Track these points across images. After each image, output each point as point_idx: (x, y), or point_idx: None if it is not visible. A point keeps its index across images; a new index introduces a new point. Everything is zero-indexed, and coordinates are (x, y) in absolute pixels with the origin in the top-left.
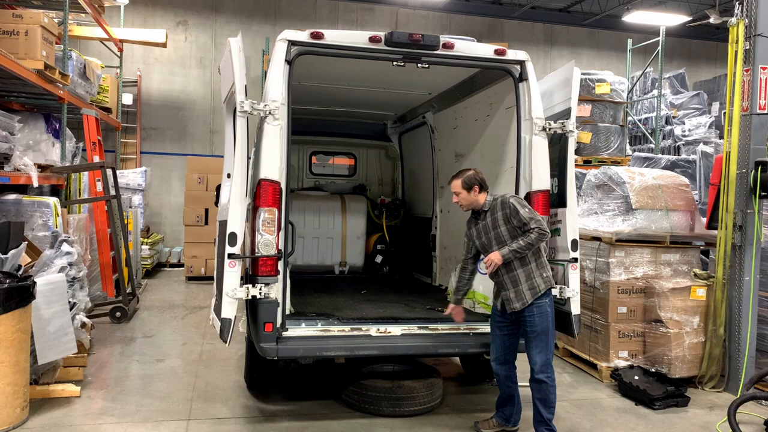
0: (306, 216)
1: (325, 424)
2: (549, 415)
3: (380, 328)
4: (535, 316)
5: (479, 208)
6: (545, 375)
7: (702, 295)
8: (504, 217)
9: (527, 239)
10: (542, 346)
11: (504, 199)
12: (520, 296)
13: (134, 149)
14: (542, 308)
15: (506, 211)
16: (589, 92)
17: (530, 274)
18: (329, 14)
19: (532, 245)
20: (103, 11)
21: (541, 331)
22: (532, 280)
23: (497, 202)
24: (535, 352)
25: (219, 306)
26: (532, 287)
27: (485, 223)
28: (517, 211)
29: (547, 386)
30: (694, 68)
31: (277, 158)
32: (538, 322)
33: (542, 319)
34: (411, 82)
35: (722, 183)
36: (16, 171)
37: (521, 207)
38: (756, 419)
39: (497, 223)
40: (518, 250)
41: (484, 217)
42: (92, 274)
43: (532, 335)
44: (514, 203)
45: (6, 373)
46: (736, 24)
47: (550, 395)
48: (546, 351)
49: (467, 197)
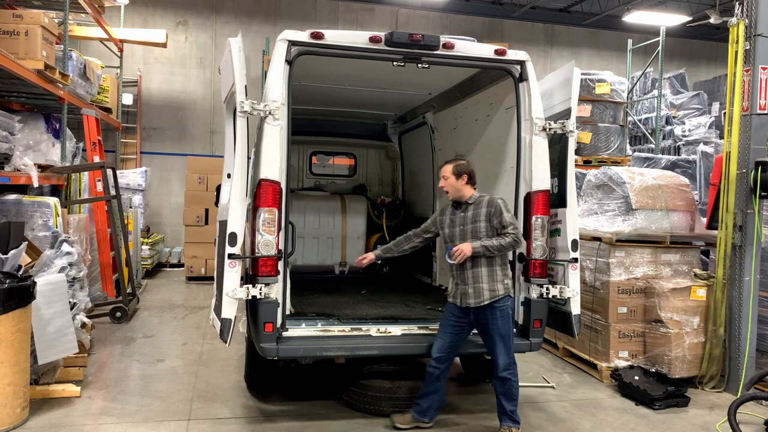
0: (306, 216)
1: (325, 424)
2: (512, 407)
3: (380, 328)
4: (498, 319)
5: (463, 200)
6: (509, 372)
7: (702, 296)
8: (487, 214)
9: (501, 241)
10: (505, 347)
11: (492, 198)
12: (479, 294)
13: (134, 149)
14: (504, 311)
15: (491, 209)
16: (589, 92)
17: (493, 276)
18: (329, 14)
19: (503, 248)
20: (103, 11)
21: (504, 333)
22: (493, 283)
23: (484, 199)
24: (500, 352)
25: (219, 306)
26: (492, 289)
27: (464, 215)
28: (501, 212)
29: (511, 382)
30: (694, 68)
31: (277, 158)
32: (501, 325)
33: (505, 321)
34: (411, 82)
35: (722, 183)
36: (16, 171)
37: (506, 211)
38: (756, 419)
39: (479, 217)
40: (489, 248)
41: (465, 209)
42: (92, 275)
43: (496, 337)
44: (500, 205)
45: (6, 373)
46: (736, 24)
47: (513, 389)
48: (509, 351)
49: (454, 184)
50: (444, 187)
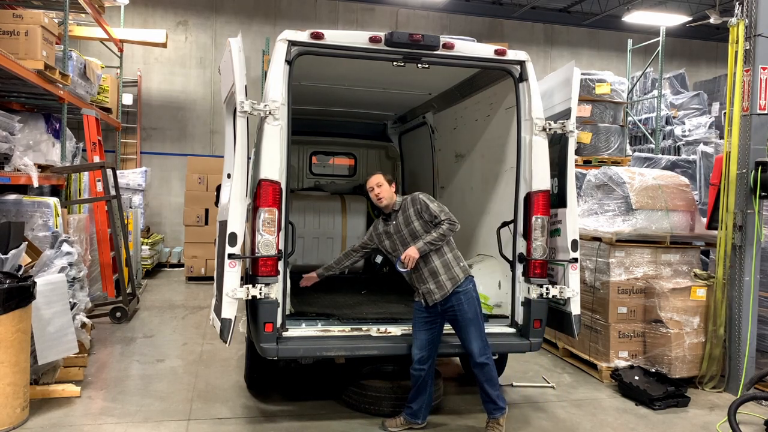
0: (306, 216)
1: (325, 424)
2: (496, 391)
3: (380, 328)
4: (463, 304)
5: (391, 208)
6: (485, 357)
7: (702, 296)
8: (416, 212)
9: (440, 230)
10: (476, 331)
11: (413, 196)
12: (441, 286)
13: (134, 149)
14: (468, 294)
15: (417, 206)
16: (589, 92)
17: (448, 264)
18: (329, 14)
19: (444, 236)
20: (103, 11)
21: (472, 317)
22: (450, 270)
23: (407, 201)
24: (471, 338)
25: (219, 306)
26: (451, 277)
27: (396, 223)
28: (427, 205)
29: (489, 367)
30: (694, 68)
31: (277, 158)
32: (467, 309)
33: (470, 304)
34: (411, 83)
35: (722, 183)
36: (16, 171)
37: (431, 202)
38: (756, 419)
39: (410, 219)
40: (432, 242)
41: (395, 217)
42: (92, 275)
43: (464, 323)
44: (423, 198)
45: (6, 374)
46: (736, 24)
47: (493, 374)
48: (481, 335)
49: (389, 190)
50: (379, 195)
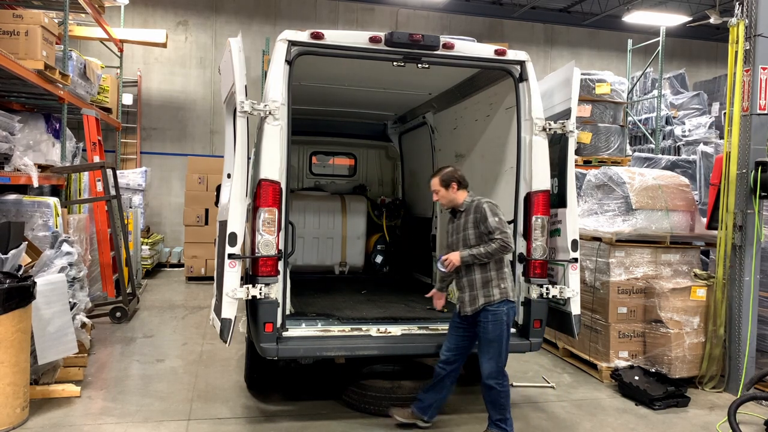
0: (306, 216)
1: (325, 424)
2: (498, 416)
3: (380, 328)
4: (489, 323)
5: (457, 208)
6: (495, 381)
7: (702, 296)
8: (474, 220)
9: (488, 248)
10: (493, 353)
11: (479, 203)
12: (473, 301)
13: (134, 149)
14: (498, 316)
15: (477, 215)
16: (589, 92)
17: (488, 282)
18: (329, 14)
19: (491, 255)
20: (103, 11)
21: (493, 339)
22: (488, 288)
23: (472, 205)
24: (485, 358)
25: (219, 306)
26: (486, 295)
27: (458, 223)
28: (486, 217)
29: (497, 392)
30: (694, 68)
31: (277, 158)
32: (491, 329)
33: (496, 326)
34: (411, 83)
35: (722, 183)
36: (16, 171)
37: (492, 215)
38: (756, 419)
39: (468, 225)
40: (477, 255)
41: (459, 217)
42: (92, 275)
43: (483, 341)
44: (485, 209)
45: (6, 374)
46: (736, 24)
47: (500, 399)
48: (497, 359)
49: (446, 195)
50: (438, 201)
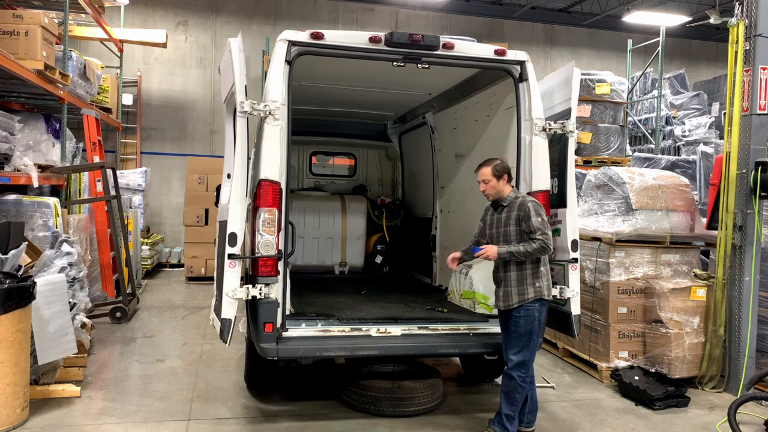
0: (306, 216)
1: (325, 425)
2: (508, 411)
3: (380, 329)
4: (521, 318)
5: (500, 201)
6: (517, 374)
7: (702, 296)
8: (517, 218)
9: (527, 247)
10: (521, 346)
11: (523, 200)
12: (507, 297)
13: (134, 149)
14: (530, 311)
15: (520, 212)
16: (589, 92)
17: (523, 279)
18: (329, 14)
19: (530, 254)
20: (103, 11)
21: (523, 333)
22: (523, 286)
23: (517, 202)
24: (512, 351)
25: (219, 306)
26: (521, 293)
27: (500, 217)
28: (529, 216)
29: (516, 384)
30: (694, 68)
31: (277, 158)
32: (522, 324)
33: (527, 321)
34: (411, 83)
35: (722, 183)
36: (16, 171)
37: (535, 215)
38: (756, 419)
39: (510, 221)
40: (515, 253)
41: (500, 211)
42: (92, 275)
43: (513, 334)
44: (530, 208)
45: (6, 374)
46: (736, 24)
47: (515, 393)
48: (524, 351)
49: (495, 185)
50: (485, 191)
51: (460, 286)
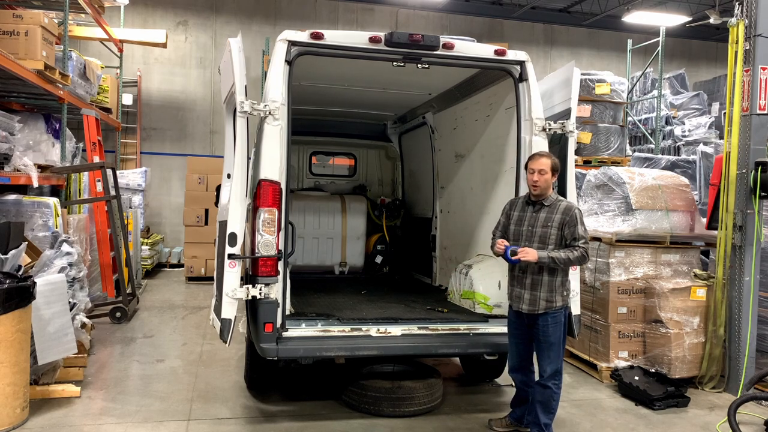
0: (306, 216)
1: (324, 425)
2: (547, 420)
3: (380, 329)
4: (549, 326)
5: (542, 199)
6: (553, 382)
7: (702, 296)
8: (561, 221)
9: (570, 254)
10: (554, 356)
11: (570, 205)
12: (534, 302)
13: (134, 149)
14: (557, 318)
15: (566, 217)
16: (589, 92)
17: (553, 287)
18: (329, 14)
19: (570, 262)
20: (103, 11)
21: (554, 341)
22: (552, 293)
23: (561, 204)
24: (546, 361)
25: (219, 306)
26: (549, 299)
27: (536, 216)
28: (575, 223)
29: (551, 392)
30: (694, 68)
31: (277, 159)
32: (551, 332)
33: (556, 329)
34: (411, 83)
35: (722, 183)
36: (16, 171)
37: (581, 223)
38: (756, 419)
39: (551, 222)
40: (556, 260)
41: (538, 209)
42: (92, 275)
43: (545, 344)
44: (577, 215)
45: (6, 374)
46: (736, 24)
47: (552, 401)
48: (557, 361)
49: (548, 180)
50: (537, 182)
51: (460, 286)
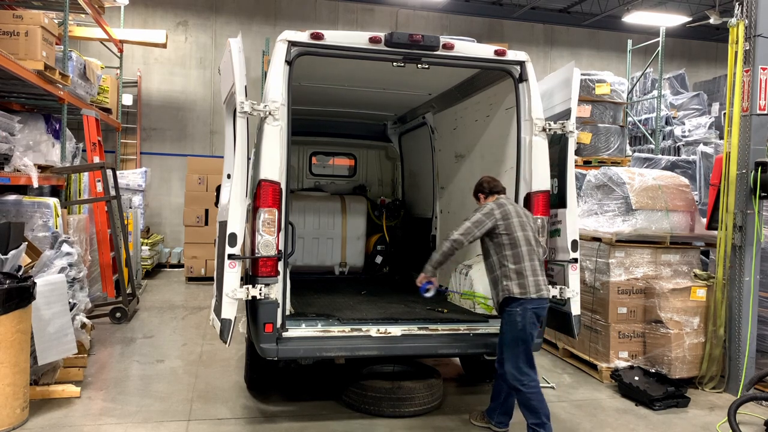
0: (306, 216)
1: (325, 425)
2: (534, 420)
3: (380, 329)
4: (504, 324)
5: None
6: (518, 383)
7: (702, 296)
8: None
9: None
10: (509, 355)
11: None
12: (494, 301)
13: (134, 150)
14: (511, 317)
15: None
16: (589, 93)
17: (495, 282)
18: (329, 15)
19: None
20: (103, 12)
21: (509, 341)
22: (496, 289)
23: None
24: (505, 359)
25: (219, 306)
26: (496, 295)
27: None
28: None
29: (523, 394)
30: (694, 69)
31: (277, 159)
32: (505, 330)
33: (509, 327)
34: (411, 83)
35: (722, 183)
36: (16, 171)
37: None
38: (756, 420)
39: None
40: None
41: None
42: (92, 275)
43: (501, 342)
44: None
45: (6, 374)
46: (736, 24)
47: (530, 401)
48: (514, 360)
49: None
50: None
51: (460, 286)
